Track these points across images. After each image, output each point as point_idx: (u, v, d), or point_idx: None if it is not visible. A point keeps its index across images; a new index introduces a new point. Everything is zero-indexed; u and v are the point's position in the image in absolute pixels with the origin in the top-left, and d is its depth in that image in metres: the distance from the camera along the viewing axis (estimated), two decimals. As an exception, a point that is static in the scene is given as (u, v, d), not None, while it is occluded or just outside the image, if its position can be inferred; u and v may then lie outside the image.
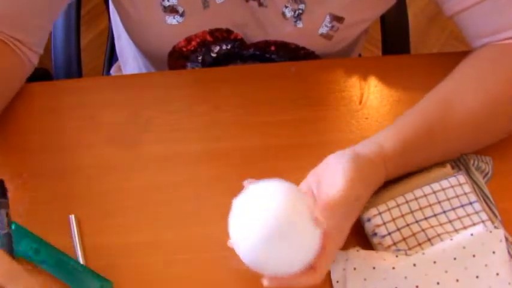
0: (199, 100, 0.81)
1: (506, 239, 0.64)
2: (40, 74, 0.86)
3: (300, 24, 0.82)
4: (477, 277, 0.62)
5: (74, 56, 0.99)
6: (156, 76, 0.88)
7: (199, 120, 0.79)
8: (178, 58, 0.88)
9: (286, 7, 0.81)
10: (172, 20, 0.81)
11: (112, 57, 1.17)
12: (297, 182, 0.66)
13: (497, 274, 0.62)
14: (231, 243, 0.61)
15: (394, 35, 1.06)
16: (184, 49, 0.86)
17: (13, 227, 0.66)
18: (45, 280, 0.65)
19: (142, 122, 0.78)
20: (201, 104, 0.80)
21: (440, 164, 0.71)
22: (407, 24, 1.06)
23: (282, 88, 0.82)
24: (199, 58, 0.88)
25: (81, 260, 0.66)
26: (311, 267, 0.61)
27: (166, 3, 0.79)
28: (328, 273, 0.65)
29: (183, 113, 0.79)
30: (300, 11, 0.81)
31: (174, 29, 0.82)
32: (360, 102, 0.81)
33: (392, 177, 0.69)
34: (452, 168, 0.71)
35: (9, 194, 0.71)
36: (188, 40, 0.85)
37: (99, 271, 0.65)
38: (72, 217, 0.69)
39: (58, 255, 0.66)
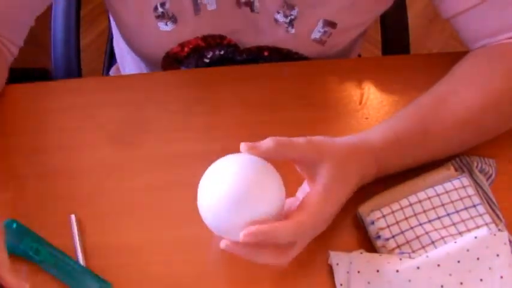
0: (198, 100, 0.81)
1: (510, 242, 0.64)
2: (39, 74, 0.86)
3: (292, 30, 0.82)
4: (481, 280, 0.62)
5: (74, 56, 0.99)
6: (156, 76, 0.88)
7: (199, 120, 0.79)
8: (171, 63, 0.88)
9: (279, 13, 0.80)
10: (164, 26, 0.81)
11: (112, 57, 1.17)
12: (296, 182, 0.66)
13: (501, 277, 0.62)
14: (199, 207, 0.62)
15: (394, 35, 1.06)
16: (177, 55, 0.86)
17: (14, 226, 0.66)
18: (45, 280, 0.65)
19: (142, 122, 0.78)
20: (201, 104, 0.80)
21: (444, 166, 0.71)
22: (407, 25, 1.06)
23: (282, 88, 0.82)
24: (193, 63, 0.88)
25: (81, 260, 0.66)
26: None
27: (159, 9, 0.79)
28: (332, 276, 0.65)
29: (183, 113, 0.79)
30: (292, 17, 0.80)
31: (166, 35, 0.82)
32: (360, 102, 0.81)
33: (388, 168, 0.69)
34: (456, 170, 0.71)
35: (9, 194, 0.71)
36: (181, 46, 0.84)
37: (99, 271, 0.65)
38: (73, 217, 0.69)
39: (58, 255, 0.65)
